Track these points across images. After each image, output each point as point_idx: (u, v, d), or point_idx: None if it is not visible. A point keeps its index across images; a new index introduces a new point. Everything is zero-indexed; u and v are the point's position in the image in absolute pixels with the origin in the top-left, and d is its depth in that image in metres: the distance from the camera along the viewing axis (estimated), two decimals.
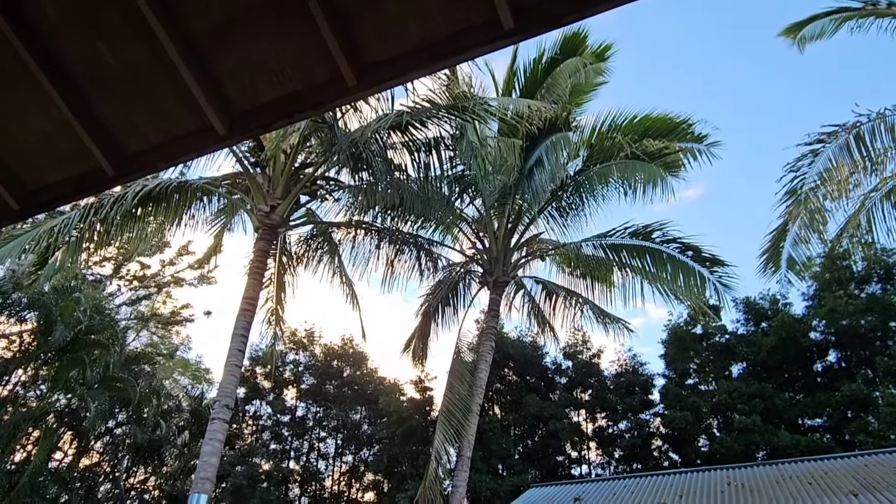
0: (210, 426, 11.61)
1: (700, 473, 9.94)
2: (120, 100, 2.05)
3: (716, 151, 12.94)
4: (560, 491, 10.45)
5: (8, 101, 2.10)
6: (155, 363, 23.29)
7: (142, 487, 24.19)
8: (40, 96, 2.02)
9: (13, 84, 2.02)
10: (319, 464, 22.68)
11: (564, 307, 16.49)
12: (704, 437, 16.91)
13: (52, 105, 2.05)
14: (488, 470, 16.36)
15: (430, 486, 12.34)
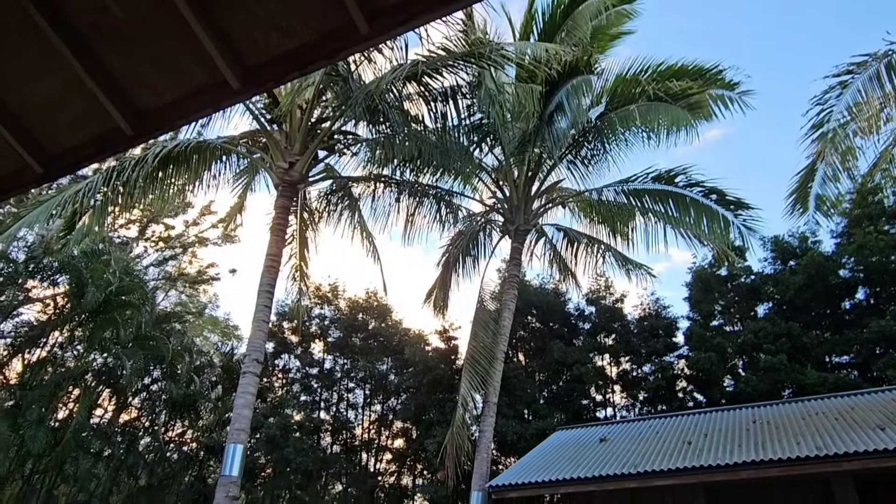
0: (242, 380, 11.95)
1: (725, 413, 10.02)
2: (132, 56, 2.03)
3: (749, 101, 12.46)
4: (586, 433, 10.63)
5: (20, 63, 2.09)
6: (185, 321, 23.86)
7: (180, 440, 25.10)
8: (52, 57, 2.01)
9: (24, 46, 2.01)
10: (349, 413, 23.30)
11: (586, 254, 16.44)
12: (729, 377, 16.97)
13: (65, 65, 2.04)
14: (514, 415, 16.66)
15: (458, 431, 12.64)
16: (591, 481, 7.39)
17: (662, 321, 18.58)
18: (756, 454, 6.79)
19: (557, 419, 16.39)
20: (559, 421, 15.86)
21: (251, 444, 19.54)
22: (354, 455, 22.35)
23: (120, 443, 21.96)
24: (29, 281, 18.70)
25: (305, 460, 19.39)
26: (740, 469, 6.62)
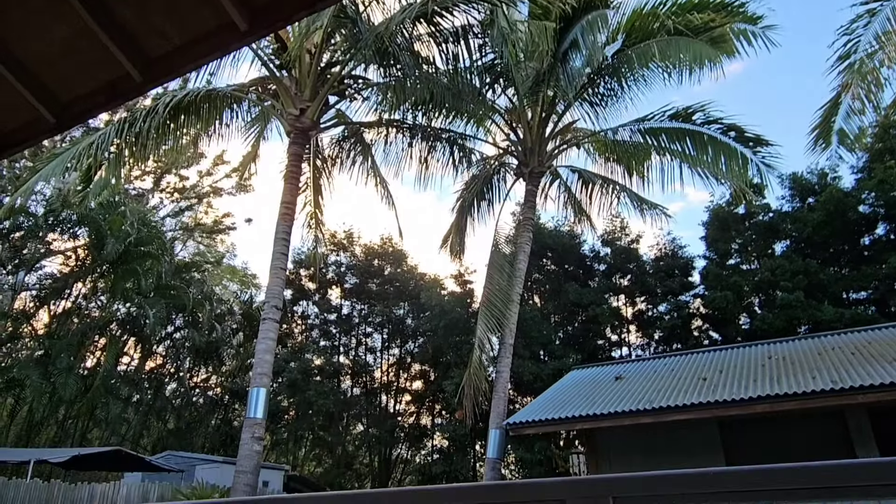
0: (262, 326, 12.19)
1: (740, 349, 10.10)
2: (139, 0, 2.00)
3: (773, 36, 11.93)
4: (601, 371, 10.79)
5: (26, 11, 2.07)
6: (204, 271, 24.21)
7: (205, 385, 25.87)
8: (58, 3, 1.98)
9: None
10: (368, 357, 23.78)
11: (601, 195, 16.30)
12: (745, 315, 17.01)
13: (72, 12, 2.01)
14: (530, 356, 16.92)
15: (475, 372, 12.87)
16: (606, 417, 7.54)
17: (678, 261, 18.54)
18: (771, 389, 6.87)
19: (573, 359, 16.62)
20: (575, 361, 16.07)
21: (274, 388, 20.08)
22: (374, 397, 22.92)
23: (147, 389, 22.68)
24: (49, 234, 18.99)
25: (327, 402, 19.94)
26: (755, 403, 6.71)
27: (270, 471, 13.88)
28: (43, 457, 11.56)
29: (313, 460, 23.65)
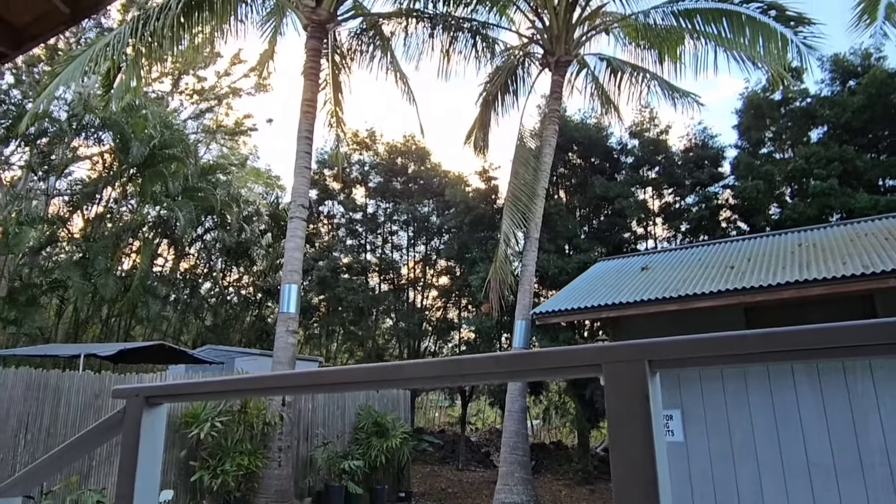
0: (290, 225, 12.36)
1: (769, 238, 10.00)
2: None
3: None
4: (627, 262, 10.82)
5: None
6: (229, 173, 24.33)
7: (238, 284, 26.70)
8: None
9: None
10: (394, 254, 24.14)
11: (630, 84, 15.74)
12: (776, 205, 16.68)
13: None
14: (555, 250, 16.99)
15: (501, 266, 13.03)
16: (631, 306, 7.64)
17: (708, 151, 18.04)
18: (800, 275, 6.84)
19: (598, 252, 16.66)
20: (600, 254, 16.12)
21: (304, 286, 20.64)
22: (402, 293, 23.47)
23: (183, 288, 23.50)
24: (74, 140, 19.07)
25: (356, 298, 20.50)
26: (782, 289, 6.72)
27: (305, 362, 14.57)
28: (92, 351, 12.23)
29: (345, 353, 24.66)
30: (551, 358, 1.60)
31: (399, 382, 1.78)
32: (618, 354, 1.47)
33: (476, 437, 22.98)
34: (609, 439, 1.48)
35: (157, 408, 2.32)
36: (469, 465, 18.40)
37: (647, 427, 1.40)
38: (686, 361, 1.42)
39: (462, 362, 1.72)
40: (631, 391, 1.44)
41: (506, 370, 1.65)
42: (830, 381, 6.65)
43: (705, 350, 1.39)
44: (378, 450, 12.24)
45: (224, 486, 9.39)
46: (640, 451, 1.40)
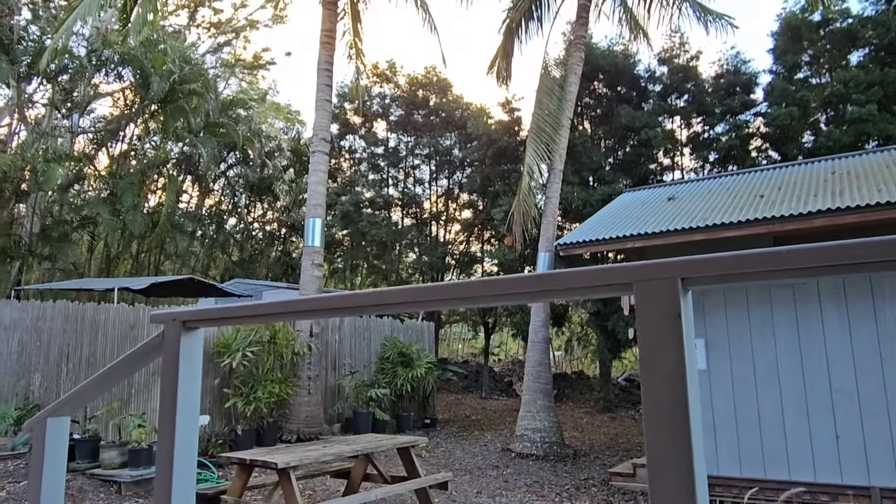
0: (312, 159, 12.33)
1: (802, 166, 9.73)
2: None
3: None
4: (653, 193, 10.65)
5: None
6: (249, 108, 24.17)
7: (263, 220, 26.97)
8: None
9: None
10: (417, 189, 24.08)
11: (660, 7, 15.08)
12: (810, 132, 16.13)
13: None
14: (579, 182, 16.78)
15: (524, 199, 12.94)
16: (657, 236, 7.57)
17: (741, 77, 17.37)
18: (832, 202, 6.69)
19: (623, 185, 16.41)
20: (625, 186, 15.88)
21: (328, 220, 20.77)
22: (425, 227, 23.54)
23: (209, 224, 23.82)
24: (95, 76, 18.99)
25: (379, 232, 20.63)
26: (813, 217, 6.58)
27: None
28: (125, 285, 12.57)
29: (369, 286, 25.03)
30: (582, 277, 1.59)
31: (430, 304, 1.80)
32: (650, 272, 1.46)
33: (499, 368, 23.46)
34: (640, 359, 1.49)
35: (193, 332, 2.39)
36: (492, 394, 18.86)
37: (679, 346, 1.40)
38: (719, 278, 1.41)
39: (491, 283, 1.73)
40: (663, 310, 1.44)
41: (536, 290, 1.65)
42: (857, 308, 6.60)
43: (739, 266, 1.37)
44: (403, 379, 12.57)
45: (257, 412, 9.77)
46: (672, 370, 1.41)
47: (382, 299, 1.88)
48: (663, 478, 1.37)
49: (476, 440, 12.12)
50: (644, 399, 1.46)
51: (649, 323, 1.46)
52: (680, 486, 1.37)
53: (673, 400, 1.41)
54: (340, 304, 1.93)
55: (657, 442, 1.41)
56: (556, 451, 10.84)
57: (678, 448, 1.38)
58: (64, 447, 2.59)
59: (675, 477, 1.36)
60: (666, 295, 1.43)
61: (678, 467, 1.36)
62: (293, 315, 2.30)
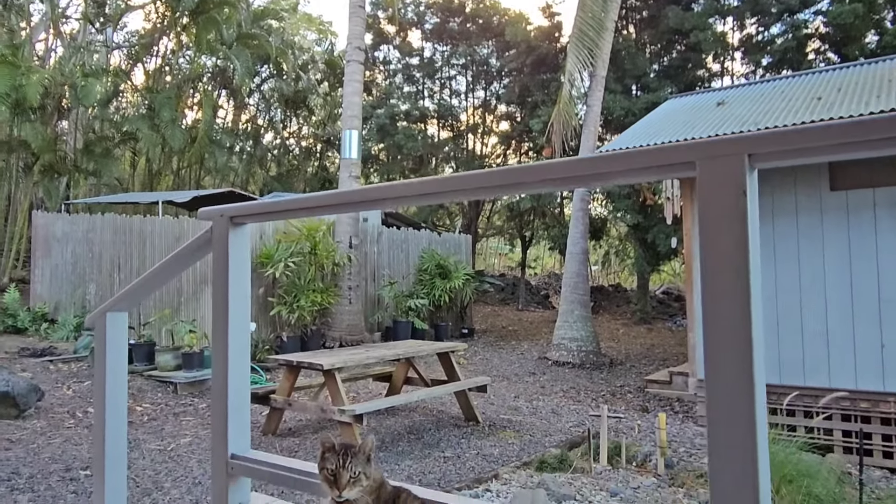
0: (347, 69, 12.09)
1: (864, 67, 9.11)
2: None
3: None
4: (700, 99, 10.18)
5: None
6: (281, 19, 23.60)
7: (298, 135, 26.93)
8: None
9: None
10: (453, 100, 23.55)
11: None
12: (874, 31, 15.02)
13: None
14: (622, 90, 16.14)
15: (565, 107, 12.55)
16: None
17: None
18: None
19: (669, 92, 15.73)
20: (670, 94, 15.23)
21: (363, 134, 20.60)
22: (461, 140, 23.20)
23: (246, 140, 23.89)
24: None
25: (415, 145, 20.41)
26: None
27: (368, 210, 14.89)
28: (168, 198, 12.83)
29: None
30: (640, 157, 1.52)
31: (477, 191, 1.75)
32: (714, 149, 1.38)
33: (535, 281, 23.63)
34: (700, 246, 1.42)
35: (241, 228, 2.41)
36: (528, 305, 19.09)
37: (743, 227, 1.34)
38: (789, 154, 1.32)
39: (541, 167, 1.67)
40: (726, 189, 1.36)
41: (590, 173, 1.58)
42: None
43: (812, 140, 1.28)
44: (441, 290, 12.76)
45: (300, 320, 10.10)
46: (734, 252, 1.36)
47: (429, 188, 1.84)
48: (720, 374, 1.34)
49: (513, 349, 12.38)
50: (703, 286, 1.41)
51: (711, 204, 1.39)
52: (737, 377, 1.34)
53: (734, 284, 1.36)
54: (386, 195, 1.90)
55: (715, 331, 1.37)
56: (592, 360, 11.02)
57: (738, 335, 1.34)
58: (123, 340, 2.69)
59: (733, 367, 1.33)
60: (731, 173, 1.36)
61: (736, 353, 1.33)
62: (338, 207, 2.28)
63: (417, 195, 1.92)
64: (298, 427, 6.72)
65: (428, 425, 6.86)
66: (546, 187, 1.67)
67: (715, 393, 1.33)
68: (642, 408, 8.22)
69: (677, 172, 1.52)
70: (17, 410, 6.47)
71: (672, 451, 6.07)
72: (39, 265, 12.75)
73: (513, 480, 5.05)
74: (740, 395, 1.31)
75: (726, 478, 1.30)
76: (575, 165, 1.63)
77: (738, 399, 1.31)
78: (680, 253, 14.75)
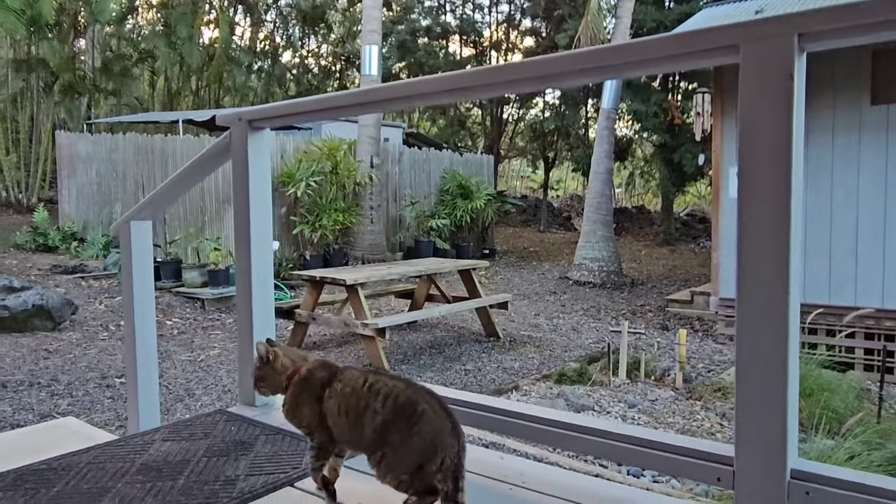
0: None
1: None
2: None
3: None
4: (739, 7, 9.63)
5: None
6: None
7: (318, 54, 26.32)
8: None
9: None
10: (475, 15, 22.67)
11: None
12: None
13: None
14: (653, 1, 15.36)
15: (592, 20, 12.03)
16: None
17: None
18: None
19: (703, 3, 14.94)
20: (705, 4, 14.46)
21: (383, 52, 20.04)
22: (484, 57, 22.50)
23: (264, 58, 23.41)
24: None
25: (437, 63, 19.86)
26: None
27: (390, 128, 14.67)
28: (188, 117, 12.76)
29: (428, 120, 24.64)
30: (680, 42, 1.42)
31: (510, 85, 1.68)
32: (761, 30, 1.28)
33: (557, 203, 23.43)
34: (739, 140, 1.34)
35: (260, 132, 2.36)
36: (550, 227, 19.02)
37: (787, 112, 1.26)
38: (845, 32, 1.22)
39: (575, 56, 1.57)
40: (772, 74, 1.27)
41: (626, 61, 1.49)
42: None
43: (871, 14, 1.18)
44: (463, 210, 12.71)
45: (323, 238, 10.18)
46: (777, 139, 1.28)
47: (460, 82, 1.76)
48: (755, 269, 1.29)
49: (534, 269, 12.42)
50: (741, 183, 1.34)
51: (754, 91, 1.30)
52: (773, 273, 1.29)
53: (774, 174, 1.29)
54: (414, 91, 1.82)
55: (751, 220, 1.32)
56: (613, 280, 11.03)
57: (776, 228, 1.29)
58: (148, 249, 2.71)
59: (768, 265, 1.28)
60: (778, 56, 1.27)
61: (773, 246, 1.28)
62: (363, 107, 2.22)
63: (447, 90, 1.84)
64: (322, 341, 6.89)
65: (449, 340, 6.99)
66: (581, 78, 1.59)
67: (749, 285, 1.29)
68: (662, 326, 8.27)
69: (719, 58, 1.42)
70: (53, 323, 6.71)
71: (690, 367, 6.14)
72: (66, 185, 12.91)
73: (532, 392, 5.16)
74: (775, 289, 1.27)
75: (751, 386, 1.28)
76: (610, 53, 1.53)
77: (773, 292, 1.27)
78: (707, 173, 14.44)
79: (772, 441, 1.24)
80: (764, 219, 1.29)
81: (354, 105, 2.03)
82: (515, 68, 1.61)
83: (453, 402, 1.77)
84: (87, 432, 2.10)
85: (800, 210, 1.33)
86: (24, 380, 5.13)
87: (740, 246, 1.31)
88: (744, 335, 1.29)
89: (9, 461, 1.72)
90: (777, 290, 1.27)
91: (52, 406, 4.65)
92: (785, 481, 1.22)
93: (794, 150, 1.28)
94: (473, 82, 1.68)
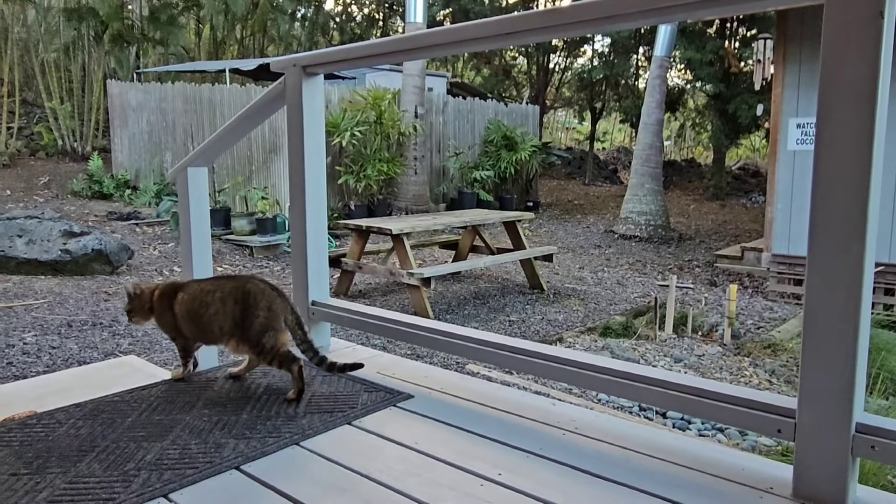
0: None
1: None
2: None
3: None
4: None
5: None
6: None
7: (361, 1, 25.93)
8: None
9: None
10: None
11: None
12: None
13: None
14: None
15: None
16: None
17: None
18: None
19: None
20: None
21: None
22: (532, 3, 21.79)
23: (308, 5, 23.17)
24: None
25: (482, 10, 19.32)
26: None
27: (434, 78, 14.50)
28: (234, 66, 12.82)
29: (472, 70, 24.21)
30: None
31: (567, 28, 1.62)
32: None
33: (604, 156, 22.93)
34: (820, 81, 1.27)
35: (314, 78, 2.35)
36: (596, 180, 18.68)
37: (875, 52, 1.18)
38: None
39: None
40: (861, 10, 1.19)
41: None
42: None
43: None
44: (507, 162, 12.57)
45: (367, 189, 10.23)
46: (862, 78, 1.21)
47: (514, 26, 1.71)
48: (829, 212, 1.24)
49: (578, 222, 12.28)
50: (819, 126, 1.28)
51: (839, 27, 1.23)
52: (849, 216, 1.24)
53: (856, 122, 1.22)
54: (465, 36, 1.78)
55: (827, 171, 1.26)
56: (660, 234, 10.83)
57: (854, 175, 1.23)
58: (204, 193, 2.76)
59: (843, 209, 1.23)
60: None
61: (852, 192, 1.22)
62: (415, 52, 2.18)
63: (497, 35, 1.79)
64: (368, 289, 7.00)
65: (493, 292, 7.01)
66: (650, 18, 1.52)
67: (822, 238, 1.24)
68: (710, 282, 8.12)
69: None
70: (111, 267, 6.97)
71: (739, 324, 6.04)
72: (118, 134, 13.21)
73: (577, 344, 5.17)
74: (851, 243, 1.22)
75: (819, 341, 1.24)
76: None
77: (848, 247, 1.23)
78: (763, 125, 13.88)
79: (838, 394, 1.21)
80: (843, 169, 1.24)
81: (404, 50, 2.00)
82: (572, 11, 1.55)
83: (504, 347, 1.78)
84: (149, 370, 2.20)
85: (880, 161, 1.27)
86: (87, 320, 5.38)
87: (815, 196, 1.26)
88: (813, 288, 1.26)
89: (83, 394, 1.82)
90: (853, 244, 1.23)
91: (114, 345, 4.88)
92: (850, 434, 1.20)
93: (879, 96, 1.22)
94: (528, 25, 1.63)
